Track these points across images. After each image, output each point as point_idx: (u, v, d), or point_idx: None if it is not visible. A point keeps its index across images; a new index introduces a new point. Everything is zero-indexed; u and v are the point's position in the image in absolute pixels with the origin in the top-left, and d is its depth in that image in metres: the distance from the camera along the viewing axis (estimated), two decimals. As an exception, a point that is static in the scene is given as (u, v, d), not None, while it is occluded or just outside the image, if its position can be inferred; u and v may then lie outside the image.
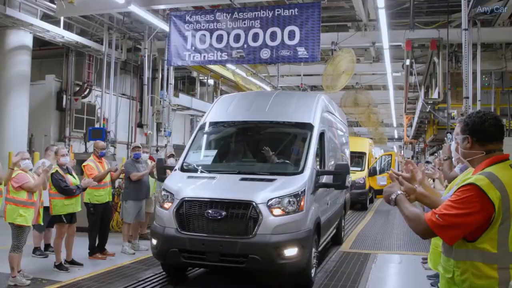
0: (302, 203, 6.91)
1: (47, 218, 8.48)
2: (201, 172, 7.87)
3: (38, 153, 14.81)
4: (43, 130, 19.05)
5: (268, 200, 6.70)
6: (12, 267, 7.16)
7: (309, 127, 8.19)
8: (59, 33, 16.64)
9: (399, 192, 3.12)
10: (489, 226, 2.79)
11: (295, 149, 8.39)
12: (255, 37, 11.67)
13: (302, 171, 7.42)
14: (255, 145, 8.62)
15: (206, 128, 8.86)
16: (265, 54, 11.59)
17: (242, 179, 7.35)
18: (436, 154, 19.41)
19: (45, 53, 20.43)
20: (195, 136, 8.80)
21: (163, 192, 7.34)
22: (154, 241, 7.21)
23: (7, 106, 15.62)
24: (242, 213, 6.67)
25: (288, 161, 8.18)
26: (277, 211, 6.72)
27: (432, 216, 2.83)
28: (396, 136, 50.87)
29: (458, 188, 2.86)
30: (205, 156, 8.67)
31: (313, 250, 7.33)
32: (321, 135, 8.43)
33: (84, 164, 9.27)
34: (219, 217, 6.65)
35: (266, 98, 9.13)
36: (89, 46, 18.60)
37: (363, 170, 19.93)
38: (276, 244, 6.55)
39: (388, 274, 8.67)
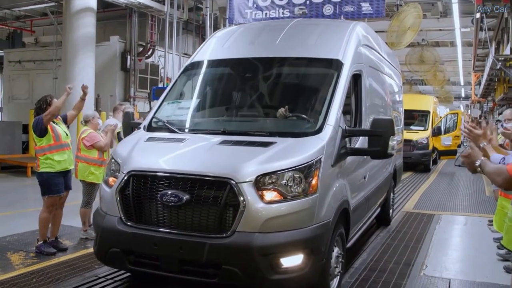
0: (314, 181, 4.46)
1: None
2: (171, 131, 5.44)
3: (104, 113, 15.30)
4: (108, 90, 19.68)
5: (257, 177, 4.32)
6: (83, 222, 7.51)
7: (335, 65, 5.60)
8: (122, -6, 16.93)
9: (482, 158, 3.26)
10: None
11: (312, 97, 5.80)
12: (318, -7, 11.40)
13: (319, 130, 4.89)
14: (256, 93, 6.05)
15: (192, 70, 6.43)
16: (328, 10, 11.36)
17: (223, 142, 4.87)
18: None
19: (109, 14, 20.92)
20: (175, 82, 6.43)
21: (112, 160, 5.11)
22: (94, 234, 5.20)
23: (74, 68, 16.13)
24: (214, 196, 4.31)
25: (299, 115, 5.44)
26: (270, 195, 4.33)
27: None
28: (463, 95, 49.28)
29: None
30: (184, 108, 6.19)
31: (335, 251, 4.89)
32: (356, 78, 5.93)
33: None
34: (179, 203, 4.36)
35: (279, 28, 6.44)
36: (151, 6, 18.85)
37: (427, 129, 19.32)
38: (266, 248, 4.21)
39: (452, 235, 8.49)
